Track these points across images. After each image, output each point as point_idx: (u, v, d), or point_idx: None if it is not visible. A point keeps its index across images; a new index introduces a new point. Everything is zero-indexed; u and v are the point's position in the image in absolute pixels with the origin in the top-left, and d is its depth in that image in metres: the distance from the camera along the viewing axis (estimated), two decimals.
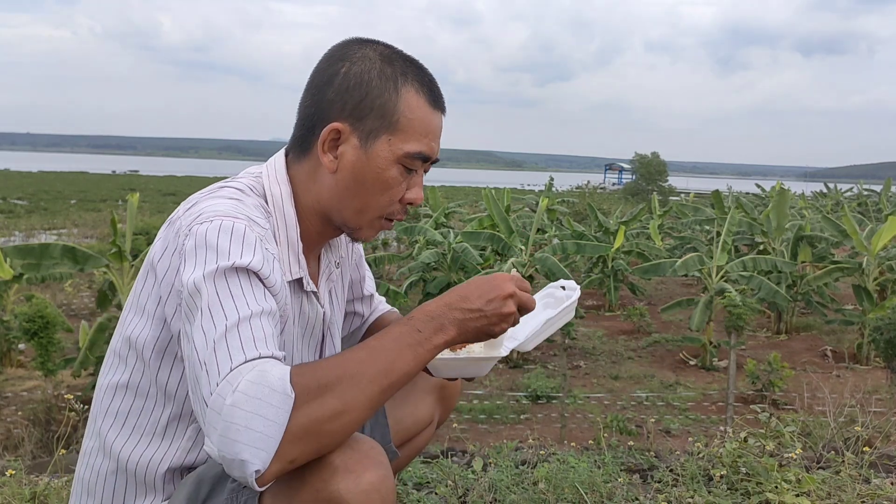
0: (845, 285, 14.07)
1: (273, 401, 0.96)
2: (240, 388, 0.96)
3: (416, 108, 1.24)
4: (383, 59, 1.25)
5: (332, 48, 1.28)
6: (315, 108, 1.25)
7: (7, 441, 6.31)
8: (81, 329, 7.94)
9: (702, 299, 10.37)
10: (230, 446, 0.95)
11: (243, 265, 1.07)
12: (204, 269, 1.06)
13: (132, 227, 8.21)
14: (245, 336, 1.02)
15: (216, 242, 1.09)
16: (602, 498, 2.27)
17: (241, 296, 1.05)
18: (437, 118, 1.27)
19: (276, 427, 0.96)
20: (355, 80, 1.22)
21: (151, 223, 19.62)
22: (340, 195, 1.26)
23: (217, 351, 1.00)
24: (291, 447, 0.97)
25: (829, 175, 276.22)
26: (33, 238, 21.97)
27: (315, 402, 0.99)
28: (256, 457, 0.95)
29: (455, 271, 11.34)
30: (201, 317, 1.04)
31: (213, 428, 0.97)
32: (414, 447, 1.66)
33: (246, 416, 0.95)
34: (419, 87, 1.25)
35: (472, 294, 1.17)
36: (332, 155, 1.24)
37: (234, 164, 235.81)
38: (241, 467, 0.95)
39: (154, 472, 1.21)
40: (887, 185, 26.69)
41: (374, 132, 1.22)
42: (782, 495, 2.19)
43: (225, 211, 1.14)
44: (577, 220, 17.82)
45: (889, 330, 8.50)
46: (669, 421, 7.64)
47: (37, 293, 9.79)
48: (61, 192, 44.39)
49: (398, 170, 1.24)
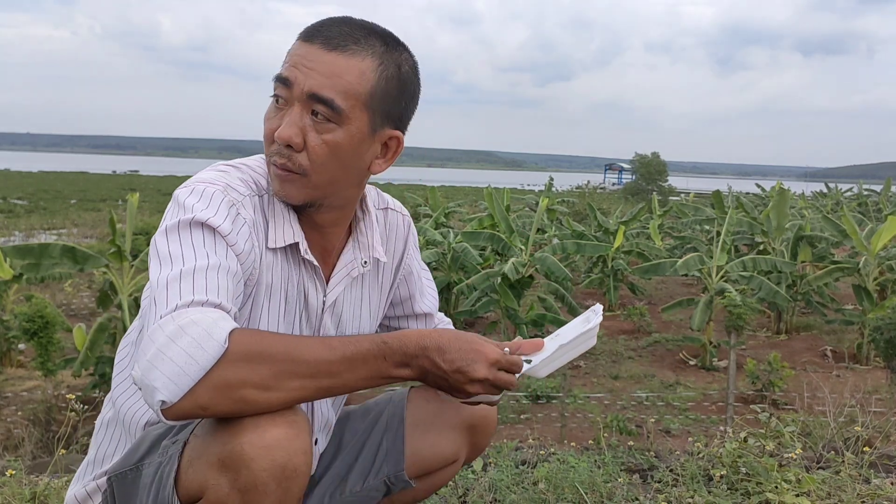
0: (845, 285, 14.08)
1: (205, 344, 0.99)
2: (181, 323, 1.00)
3: (292, 46, 1.22)
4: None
5: None
6: None
7: (7, 441, 6.31)
8: (77, 332, 7.93)
9: (702, 299, 10.37)
10: (149, 372, 0.98)
11: (202, 220, 1.11)
12: (168, 222, 1.13)
13: (132, 227, 8.21)
14: (199, 283, 1.05)
15: (184, 201, 1.15)
16: (602, 498, 2.27)
17: (201, 247, 1.10)
18: (301, 47, 1.20)
19: (196, 368, 0.98)
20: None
21: (151, 223, 19.62)
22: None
23: (169, 289, 1.04)
24: (206, 393, 0.99)
25: (829, 175, 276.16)
26: (33, 238, 21.97)
27: (247, 364, 1.01)
28: (167, 388, 0.97)
29: (455, 271, 11.35)
30: (160, 262, 1.09)
31: (144, 354, 1.00)
32: (433, 483, 1.55)
33: (174, 350, 0.98)
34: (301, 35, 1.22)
35: (448, 352, 1.14)
36: None
37: None
38: (150, 394, 0.98)
39: (137, 422, 1.28)
40: (887, 185, 26.71)
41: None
42: (782, 495, 2.19)
43: (204, 178, 1.20)
44: (576, 220, 17.83)
45: (889, 330, 8.51)
46: (669, 421, 7.64)
47: (37, 293, 9.79)
48: (61, 192, 44.40)
49: (271, 103, 1.23)
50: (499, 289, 10.03)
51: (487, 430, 1.56)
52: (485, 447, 1.61)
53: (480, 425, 1.53)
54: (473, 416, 1.51)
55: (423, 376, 1.15)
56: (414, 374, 1.14)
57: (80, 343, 7.79)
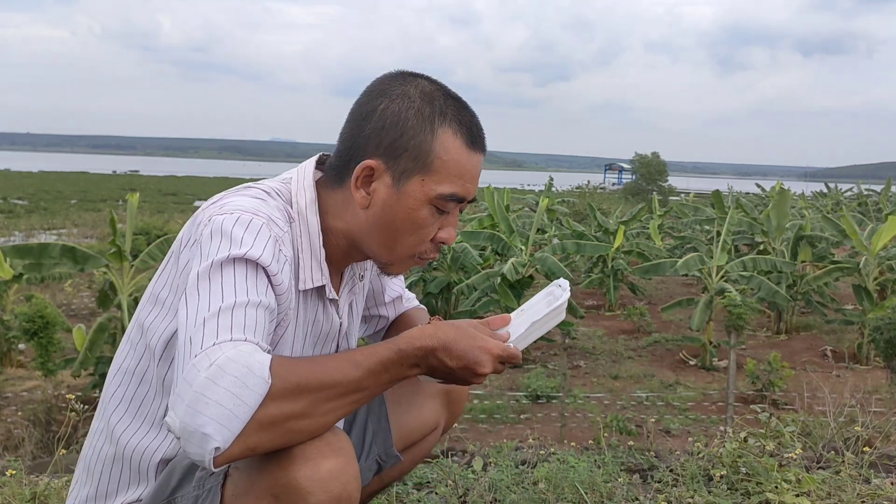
0: (845, 285, 14.07)
1: (249, 382, 0.95)
2: (218, 363, 0.96)
3: (452, 150, 1.23)
4: (423, 97, 1.24)
5: (375, 81, 1.28)
6: (352, 141, 1.25)
7: (7, 441, 6.31)
8: (77, 332, 7.93)
9: (702, 299, 10.37)
10: (195, 418, 0.93)
11: (253, 257, 1.09)
12: (215, 255, 1.07)
13: (132, 227, 8.22)
14: (237, 320, 1.02)
15: (231, 232, 1.10)
16: (602, 498, 2.27)
17: (242, 283, 1.06)
18: (473, 159, 1.26)
19: (246, 409, 0.95)
20: (392, 118, 1.22)
21: (151, 223, 19.62)
22: (371, 231, 1.26)
23: (205, 327, 1.00)
24: (255, 434, 0.96)
25: (829, 175, 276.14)
26: (33, 238, 21.95)
27: (289, 397, 0.99)
28: (219, 433, 0.93)
29: (455, 271, 11.34)
30: (198, 297, 1.04)
31: (181, 398, 0.95)
32: (418, 452, 1.65)
33: (218, 392, 0.94)
34: (457, 128, 1.23)
35: (454, 351, 1.16)
36: (364, 191, 1.24)
37: (234, 164, 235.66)
38: (201, 441, 0.94)
39: (149, 460, 1.23)
40: (887, 185, 26.71)
41: (407, 172, 1.22)
42: (782, 495, 2.19)
43: (246, 207, 1.16)
44: (576, 220, 17.82)
45: (889, 330, 8.50)
46: (669, 421, 7.63)
47: (37, 293, 9.79)
48: (61, 192, 44.39)
49: (429, 210, 1.24)
50: (499, 289, 10.03)
51: (462, 395, 1.67)
52: (460, 413, 1.71)
53: (455, 391, 1.63)
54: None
55: (432, 372, 1.18)
56: (423, 371, 1.17)
57: (79, 343, 7.79)
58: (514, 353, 1.22)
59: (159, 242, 8.20)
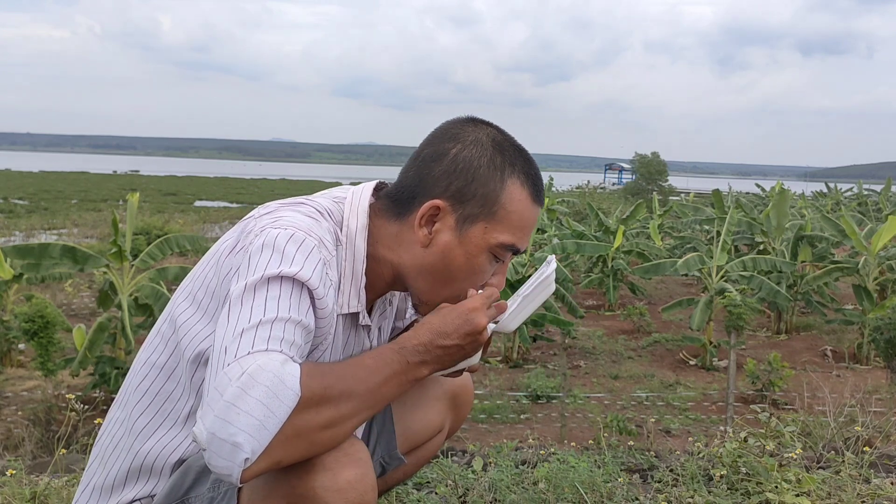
0: (845, 285, 14.07)
1: (281, 394, 0.95)
2: (249, 371, 0.95)
3: (518, 202, 1.25)
4: (495, 146, 1.25)
5: (447, 124, 1.29)
6: (419, 179, 1.25)
7: (7, 441, 6.30)
8: (77, 332, 7.93)
9: (702, 299, 10.37)
10: (225, 428, 0.93)
11: (302, 279, 1.08)
12: (264, 270, 1.07)
13: (132, 227, 8.21)
14: (274, 333, 1.02)
15: (284, 248, 1.10)
16: (602, 498, 2.27)
17: (286, 301, 1.06)
18: (535, 212, 1.29)
19: (275, 421, 0.94)
20: (464, 163, 1.23)
21: (151, 223, 19.62)
22: (424, 270, 1.26)
23: (241, 338, 1.00)
24: (281, 447, 0.96)
25: (829, 175, 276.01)
26: (33, 238, 21.94)
27: (314, 409, 0.99)
28: (249, 444, 0.93)
29: None
30: (241, 309, 1.04)
31: (210, 408, 0.94)
32: (422, 455, 1.64)
33: (249, 402, 0.93)
34: (524, 181, 1.26)
35: (448, 329, 1.17)
36: (427, 229, 1.25)
37: (234, 164, 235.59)
38: (231, 453, 0.93)
39: (166, 458, 1.22)
40: (887, 185, 26.70)
41: (471, 217, 1.23)
42: (782, 495, 2.19)
43: (301, 225, 1.16)
44: (576, 220, 17.82)
45: (889, 330, 8.51)
46: (669, 421, 7.63)
47: (37, 293, 9.79)
48: (62, 192, 44.37)
49: (487, 257, 1.26)
50: None
51: (467, 397, 1.66)
52: (466, 415, 1.70)
53: (461, 394, 1.63)
54: (454, 386, 1.61)
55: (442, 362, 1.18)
56: (434, 365, 1.17)
57: (79, 343, 7.78)
58: (491, 292, 1.24)
59: (159, 242, 8.20)
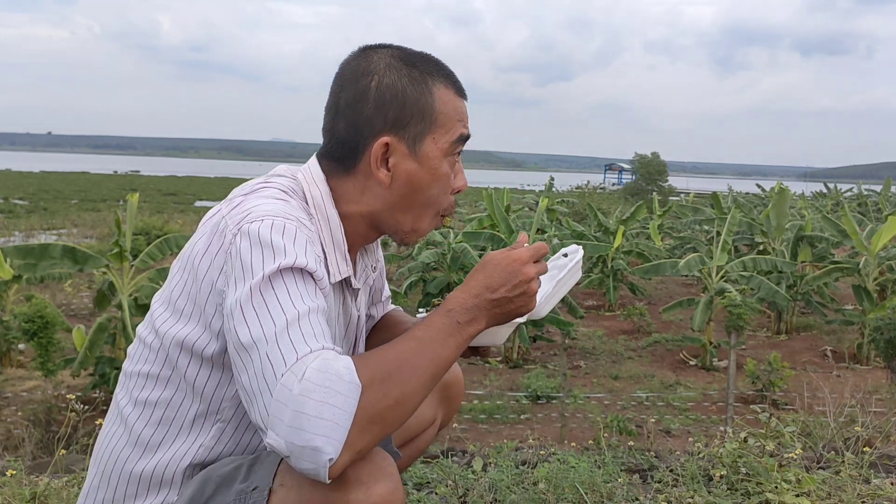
0: (845, 285, 14.07)
1: (341, 389, 0.97)
2: (306, 377, 0.97)
3: (448, 101, 1.28)
4: (405, 62, 1.26)
5: (348, 65, 1.28)
6: (353, 126, 1.25)
7: (7, 441, 6.30)
8: (76, 332, 7.93)
9: (702, 299, 10.37)
10: (300, 435, 0.95)
11: (301, 265, 1.09)
12: (263, 269, 1.07)
13: (132, 227, 8.21)
14: (306, 330, 1.03)
15: (270, 241, 1.10)
16: (602, 498, 2.27)
17: (297, 293, 1.07)
18: (464, 102, 1.32)
19: (345, 416, 0.97)
20: (390, 91, 1.24)
21: (151, 223, 19.63)
22: (397, 204, 1.28)
23: (279, 344, 1.01)
24: (360, 436, 0.99)
25: (829, 175, 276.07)
26: (33, 238, 21.95)
27: (380, 391, 1.01)
28: (328, 444, 0.95)
29: (455, 271, 11.34)
30: (259, 314, 1.04)
31: (279, 419, 0.96)
32: (416, 448, 1.65)
33: (315, 405, 0.96)
34: (445, 82, 1.29)
35: (495, 283, 1.19)
36: (384, 169, 1.25)
37: (234, 163, 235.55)
38: (313, 456, 0.95)
39: (176, 466, 1.21)
40: (887, 184, 26.70)
41: (419, 136, 1.25)
42: (782, 495, 2.19)
43: (275, 211, 1.15)
44: (576, 220, 17.82)
45: (889, 330, 8.51)
46: (669, 421, 7.64)
47: (36, 293, 9.79)
48: (61, 192, 44.38)
49: (448, 162, 1.28)
50: None
51: (458, 389, 1.67)
52: (457, 407, 1.72)
53: (452, 385, 1.65)
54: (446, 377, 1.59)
55: (492, 316, 1.20)
56: (484, 321, 1.19)
57: (79, 343, 7.79)
58: (539, 246, 1.25)
59: (159, 242, 8.20)
